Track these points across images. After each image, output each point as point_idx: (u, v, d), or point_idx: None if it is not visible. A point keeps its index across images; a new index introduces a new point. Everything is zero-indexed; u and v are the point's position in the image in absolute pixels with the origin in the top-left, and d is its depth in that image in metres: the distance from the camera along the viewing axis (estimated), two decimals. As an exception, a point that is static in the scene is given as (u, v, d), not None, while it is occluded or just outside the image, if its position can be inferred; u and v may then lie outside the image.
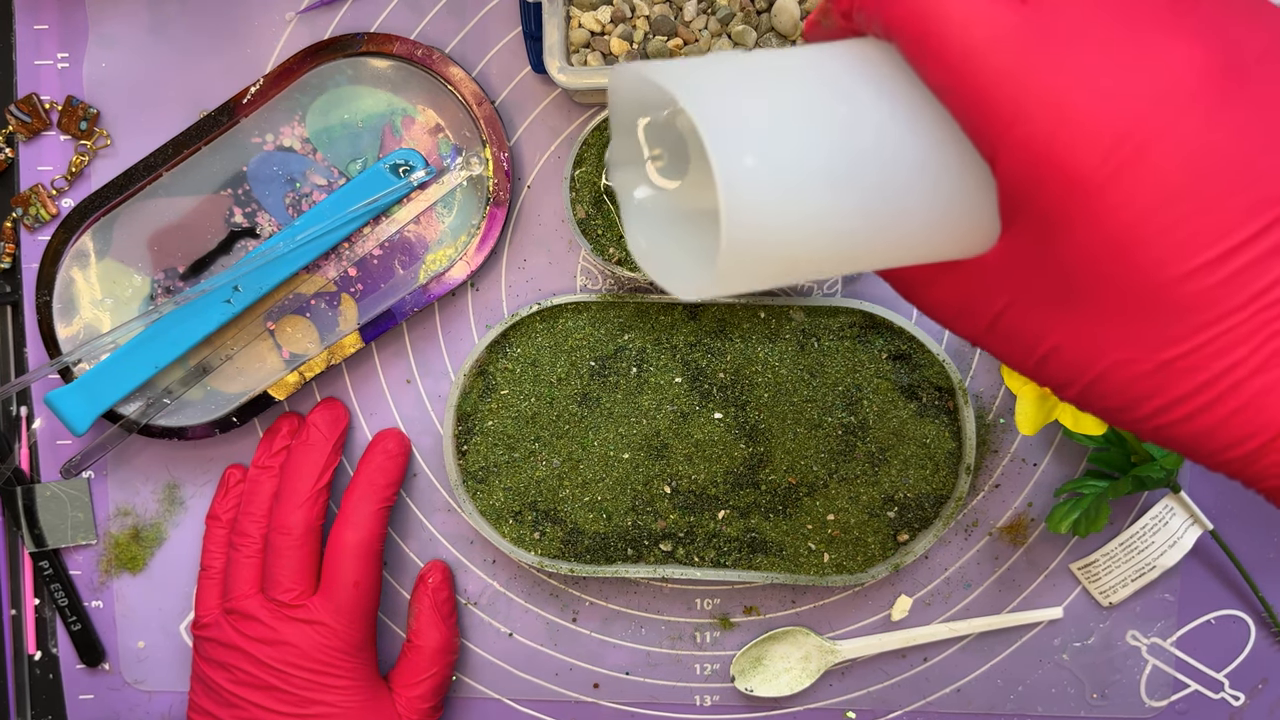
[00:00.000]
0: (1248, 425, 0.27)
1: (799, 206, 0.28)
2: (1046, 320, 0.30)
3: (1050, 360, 0.30)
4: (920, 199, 0.30)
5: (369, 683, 0.55)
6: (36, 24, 0.57)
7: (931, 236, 0.30)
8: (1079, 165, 0.27)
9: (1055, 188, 0.27)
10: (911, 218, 0.30)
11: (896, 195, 0.29)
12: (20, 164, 0.57)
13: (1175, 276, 0.27)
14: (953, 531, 0.57)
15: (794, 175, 0.28)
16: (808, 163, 0.28)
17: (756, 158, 0.28)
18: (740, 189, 0.28)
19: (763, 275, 0.30)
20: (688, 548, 0.56)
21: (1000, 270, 0.30)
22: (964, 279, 0.32)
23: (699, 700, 0.59)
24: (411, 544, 0.59)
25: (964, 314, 0.32)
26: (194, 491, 0.59)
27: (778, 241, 0.29)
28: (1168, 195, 0.26)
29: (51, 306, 0.55)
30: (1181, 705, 0.58)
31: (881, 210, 0.29)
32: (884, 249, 0.30)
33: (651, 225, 0.35)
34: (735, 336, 0.55)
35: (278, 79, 0.54)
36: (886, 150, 0.29)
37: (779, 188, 0.28)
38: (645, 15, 0.50)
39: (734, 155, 0.28)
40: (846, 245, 0.30)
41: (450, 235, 0.55)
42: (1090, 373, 0.29)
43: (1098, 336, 0.28)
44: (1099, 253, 0.27)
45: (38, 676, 0.60)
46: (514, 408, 0.56)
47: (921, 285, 0.33)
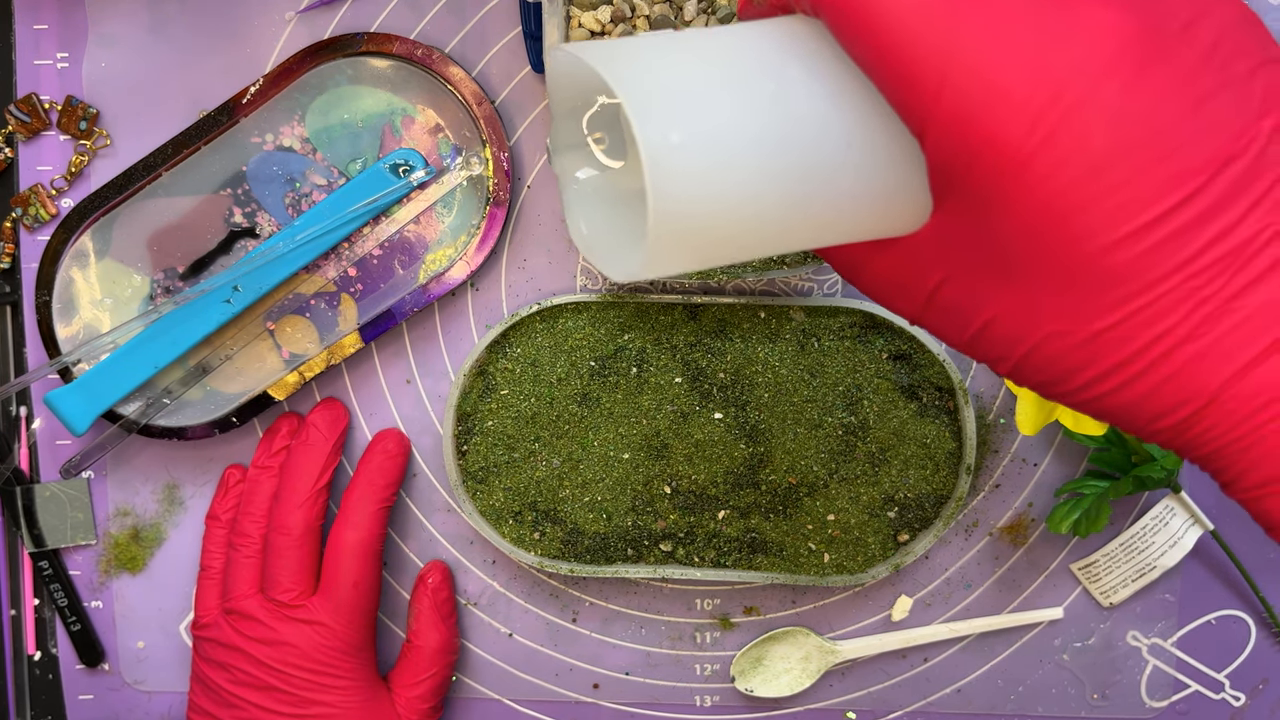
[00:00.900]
0: (1179, 393, 0.27)
1: (726, 183, 0.28)
2: (980, 294, 0.29)
3: (984, 335, 0.30)
4: (849, 176, 0.29)
5: (369, 683, 0.55)
6: (36, 24, 0.57)
7: (863, 214, 0.30)
8: (1005, 137, 0.26)
9: (982, 161, 0.27)
10: (841, 195, 0.30)
11: (825, 172, 0.29)
12: (20, 164, 0.57)
13: (1103, 246, 0.27)
14: (953, 532, 0.57)
15: (720, 152, 0.28)
16: (734, 139, 0.28)
17: (682, 134, 0.28)
18: (665, 166, 0.27)
19: (691, 255, 0.30)
20: (688, 548, 0.56)
21: (934, 246, 0.30)
22: (899, 257, 0.31)
23: (699, 701, 0.59)
24: (411, 544, 0.59)
25: (901, 292, 0.32)
26: (193, 492, 0.59)
27: (705, 220, 0.29)
28: (1092, 165, 0.26)
29: (51, 306, 0.55)
30: (1182, 706, 0.58)
31: (810, 188, 0.29)
32: (815, 228, 0.30)
33: (592, 211, 0.35)
34: (735, 336, 0.55)
35: (277, 79, 0.54)
36: (814, 127, 0.29)
37: (705, 164, 0.28)
38: (645, 15, 0.50)
39: (659, 131, 0.27)
40: (775, 224, 0.30)
41: (450, 235, 0.55)
42: (1023, 346, 0.29)
43: (1030, 309, 0.28)
44: (1028, 225, 0.27)
45: (37, 677, 0.60)
46: (514, 408, 0.56)
47: (859, 264, 0.33)
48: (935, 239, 0.30)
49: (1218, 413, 0.27)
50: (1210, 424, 0.27)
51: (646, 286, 0.56)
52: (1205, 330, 0.27)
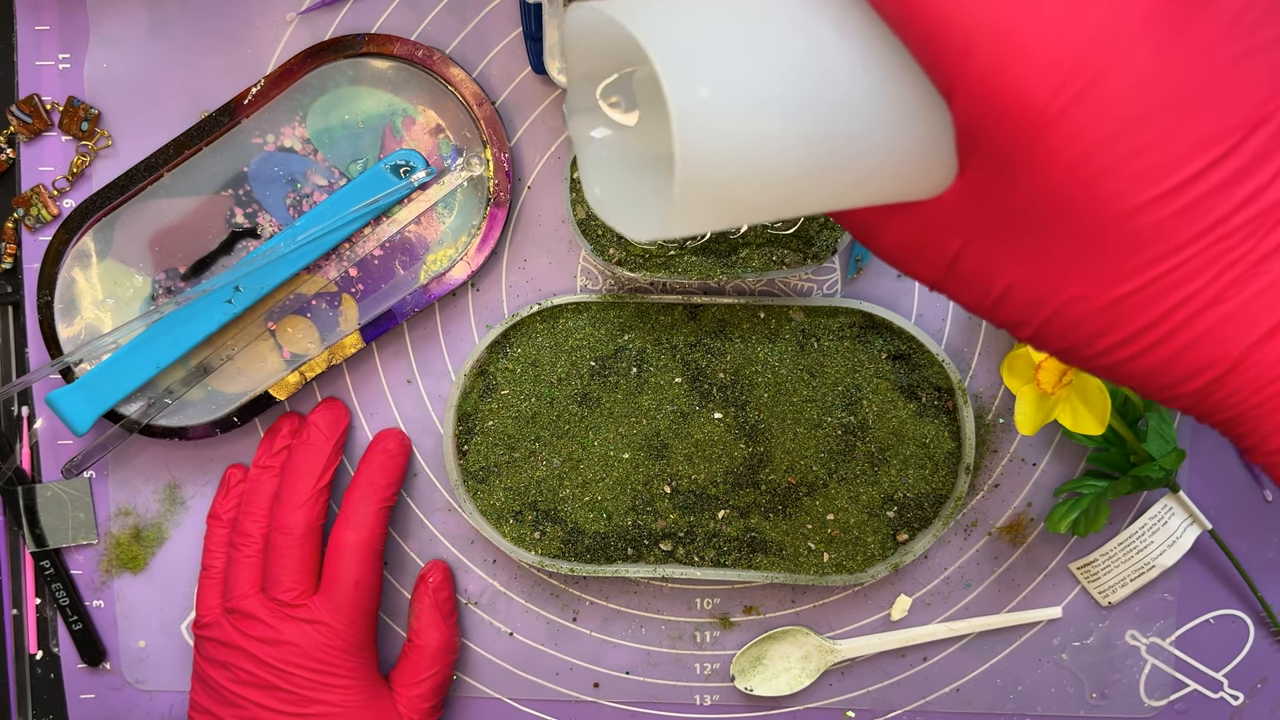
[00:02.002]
0: (1202, 358, 0.27)
1: (752, 140, 0.28)
2: (1002, 258, 0.29)
3: (1006, 299, 0.30)
4: (876, 137, 0.29)
5: (370, 682, 0.55)
6: (38, 25, 0.57)
7: (887, 176, 0.30)
8: (1033, 97, 0.26)
9: (1009, 121, 0.27)
10: (867, 156, 0.29)
11: (852, 132, 0.29)
12: (21, 164, 0.57)
13: (1129, 210, 0.26)
14: (952, 531, 0.57)
15: (749, 107, 0.28)
16: (763, 95, 0.28)
17: (711, 88, 0.27)
18: (693, 120, 0.27)
19: (714, 213, 0.30)
20: (688, 547, 0.56)
21: (957, 209, 0.30)
22: (920, 220, 0.31)
23: (699, 700, 0.59)
24: (412, 544, 0.59)
25: (921, 257, 0.32)
26: (195, 491, 0.59)
27: (730, 177, 0.28)
28: (1120, 127, 0.26)
29: (53, 307, 0.55)
30: (1181, 705, 0.58)
31: (836, 147, 0.29)
32: (838, 189, 0.30)
33: (608, 173, 0.35)
34: (735, 336, 0.55)
35: (278, 79, 0.54)
36: (843, 86, 0.29)
37: (732, 120, 0.28)
38: (645, 16, 0.50)
39: (688, 86, 0.27)
40: (799, 183, 0.29)
41: (451, 235, 0.55)
42: (1045, 310, 0.29)
43: (1053, 273, 0.28)
44: (1054, 187, 0.27)
45: (39, 676, 0.60)
46: (514, 408, 0.56)
47: (877, 229, 0.33)
48: (958, 202, 0.30)
49: (1242, 377, 0.27)
50: (1234, 389, 0.27)
51: (646, 286, 0.56)
52: (1231, 294, 0.26)
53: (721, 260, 0.53)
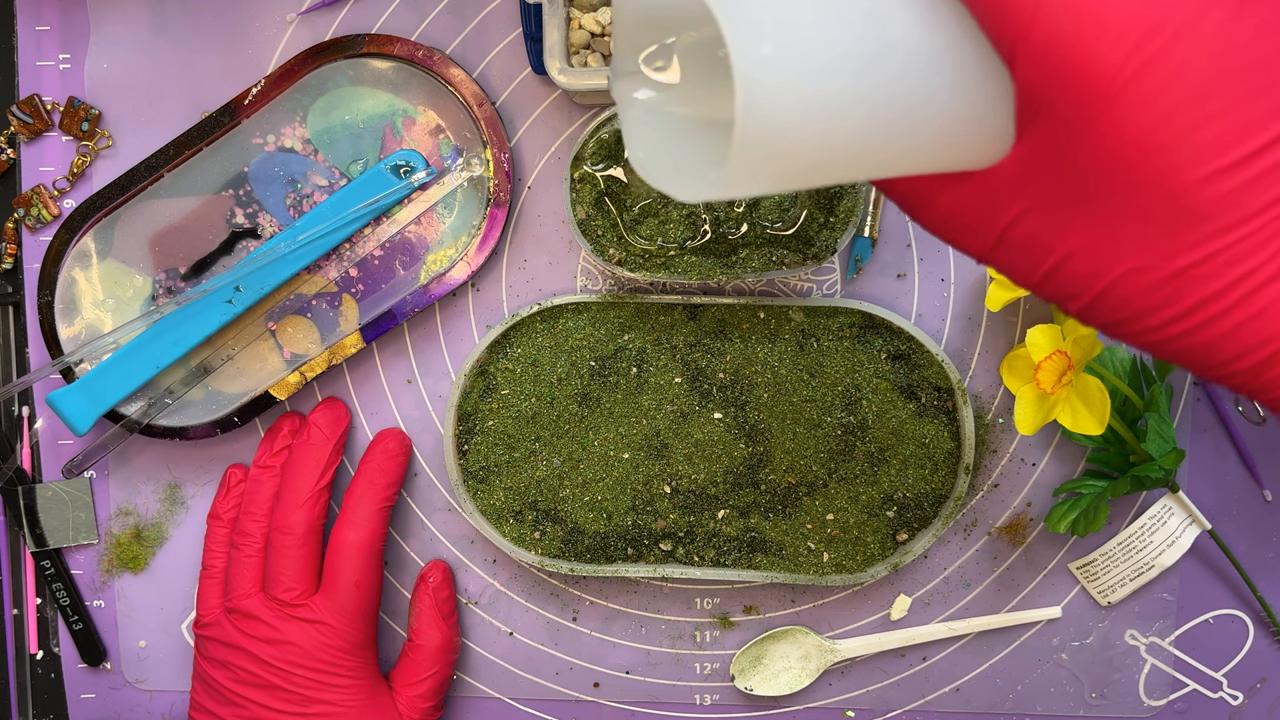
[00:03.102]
0: (1259, 334, 0.27)
1: (814, 101, 0.28)
2: (1057, 229, 0.29)
3: (1060, 270, 0.29)
4: (935, 103, 0.29)
5: (370, 682, 0.55)
6: (38, 25, 0.57)
7: (944, 143, 0.30)
8: (1101, 65, 0.26)
9: (1074, 89, 0.26)
10: (925, 122, 0.29)
11: (913, 97, 0.29)
12: (22, 165, 0.57)
13: (1193, 181, 0.26)
14: (952, 531, 0.57)
15: (811, 68, 0.28)
16: (826, 55, 0.28)
17: (775, 46, 0.27)
18: (757, 78, 0.27)
19: (770, 175, 0.29)
20: (688, 547, 0.56)
21: (1013, 179, 0.30)
22: (972, 190, 0.31)
23: (699, 699, 0.59)
24: (412, 543, 0.59)
25: (972, 227, 0.31)
26: (195, 491, 0.59)
27: (790, 138, 0.28)
28: (1189, 97, 0.26)
29: (53, 307, 0.56)
30: (1180, 704, 0.58)
31: (896, 112, 0.29)
32: (894, 155, 0.30)
33: (651, 136, 0.35)
34: (735, 336, 0.55)
35: (279, 80, 0.54)
36: (906, 49, 0.28)
37: (795, 80, 0.27)
38: (645, 16, 0.51)
39: (751, 42, 0.27)
40: (857, 147, 0.29)
41: (451, 236, 0.55)
42: (1101, 282, 0.28)
43: (1112, 244, 0.28)
44: (1117, 156, 0.27)
45: (39, 675, 0.60)
46: (514, 408, 0.56)
47: (925, 199, 0.32)
48: (1013, 172, 0.29)
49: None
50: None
51: (646, 286, 0.56)
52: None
53: (721, 260, 0.53)
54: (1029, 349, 0.49)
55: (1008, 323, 0.56)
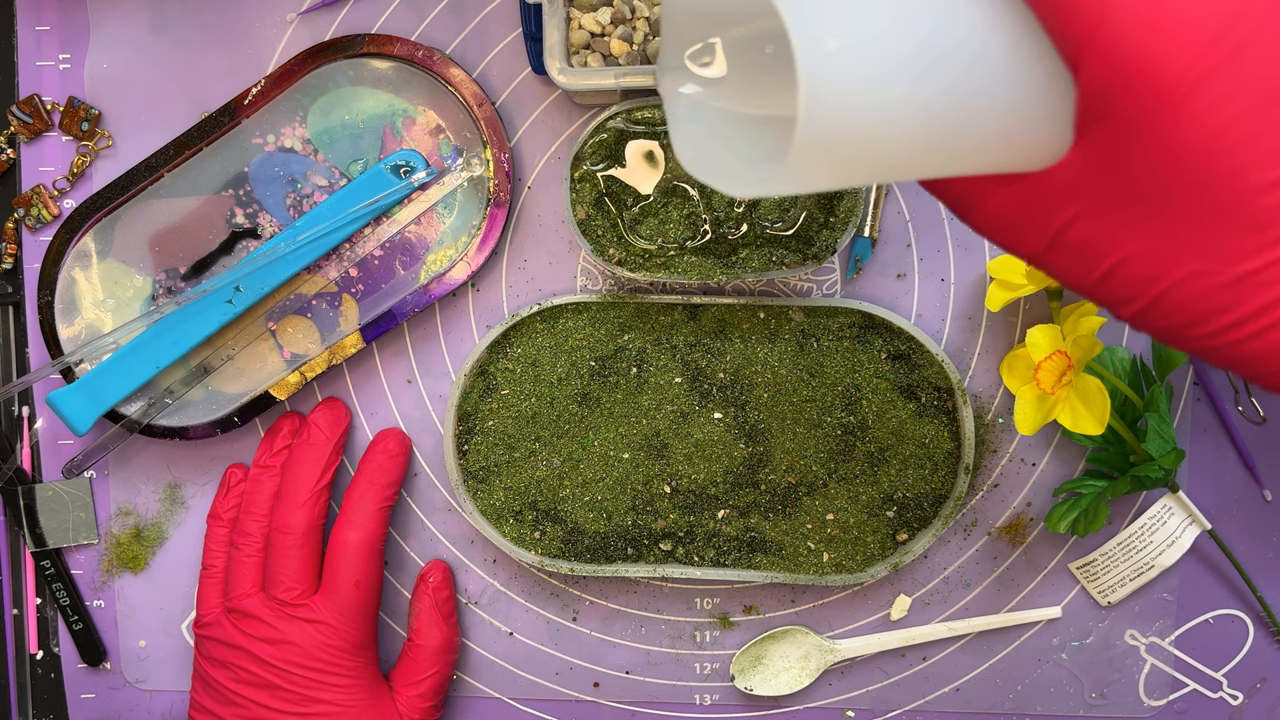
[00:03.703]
0: None
1: (877, 98, 0.28)
2: (1116, 233, 0.29)
3: (1116, 274, 0.29)
4: (996, 103, 0.29)
5: (370, 681, 0.55)
6: (38, 25, 0.57)
7: (1002, 144, 0.30)
8: (1167, 69, 0.26)
9: (1140, 92, 0.26)
10: (985, 123, 0.29)
11: (975, 97, 0.29)
12: (22, 165, 0.57)
13: (1259, 185, 0.26)
14: (952, 531, 0.57)
15: (876, 64, 0.27)
16: (891, 52, 0.28)
17: (839, 41, 0.27)
18: (820, 75, 0.27)
19: (829, 173, 0.29)
20: (687, 547, 0.56)
21: (1069, 181, 0.29)
22: (1026, 192, 0.31)
23: (699, 699, 0.59)
24: (412, 543, 0.59)
25: (1024, 229, 0.31)
26: (195, 491, 0.59)
27: (852, 137, 0.28)
28: (1256, 102, 0.26)
29: (53, 307, 0.56)
30: (1180, 704, 0.58)
31: (958, 113, 0.29)
32: (952, 154, 0.30)
33: (696, 131, 0.34)
34: (735, 336, 0.55)
35: (279, 80, 0.54)
36: (970, 49, 0.28)
37: (859, 76, 0.27)
38: (645, 16, 0.51)
39: (816, 37, 0.27)
40: (917, 146, 0.29)
41: (451, 236, 0.55)
42: (1158, 286, 0.28)
43: (1170, 248, 0.28)
44: (1181, 160, 0.26)
45: (39, 675, 0.60)
46: (514, 408, 0.56)
47: (977, 199, 0.32)
48: (1071, 174, 0.29)
49: None
50: None
51: (646, 286, 0.56)
52: None
53: (721, 260, 0.53)
54: (1029, 349, 0.49)
55: (1008, 323, 0.56)
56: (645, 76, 0.49)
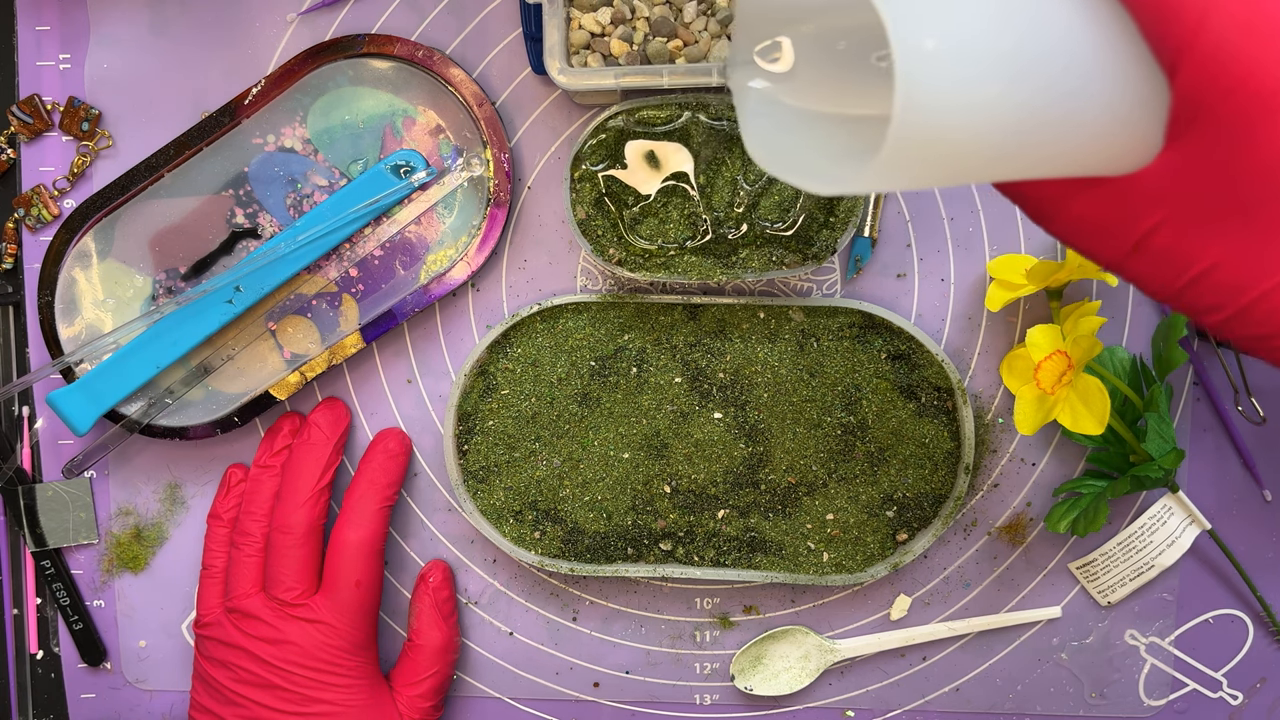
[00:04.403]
0: None
1: (974, 98, 0.27)
2: (1204, 239, 0.28)
3: (1203, 281, 0.29)
4: (1091, 107, 0.29)
5: (370, 681, 0.55)
6: (38, 25, 0.57)
7: (1092, 147, 0.29)
8: (1266, 75, 0.25)
9: (1238, 98, 0.26)
10: (1078, 125, 0.29)
11: (1069, 98, 0.28)
12: (22, 165, 0.57)
13: None
14: (952, 531, 0.57)
15: (973, 65, 0.27)
16: (988, 53, 0.27)
17: (937, 41, 0.27)
18: (917, 75, 0.27)
19: (918, 173, 0.29)
20: (687, 547, 0.56)
21: (1158, 186, 0.29)
22: (1111, 195, 0.30)
23: (699, 699, 0.59)
24: (412, 543, 0.59)
25: (1106, 232, 0.31)
26: (195, 491, 0.59)
27: (945, 136, 0.28)
28: None
29: (53, 307, 0.56)
30: (1180, 704, 0.58)
31: (1052, 115, 0.28)
32: (1042, 157, 0.29)
33: (765, 126, 0.34)
34: (735, 336, 0.55)
35: (279, 80, 0.54)
36: (1067, 50, 0.28)
37: (957, 76, 0.27)
38: (645, 17, 0.51)
39: (914, 36, 0.27)
40: (1008, 148, 0.29)
41: (451, 236, 0.55)
42: (1248, 295, 0.28)
43: (1263, 257, 0.27)
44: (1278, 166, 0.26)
45: (39, 675, 0.60)
46: (514, 408, 0.56)
47: (1058, 203, 0.32)
48: (1159, 179, 0.29)
49: None
50: None
51: (646, 286, 0.56)
52: None
53: (721, 260, 0.53)
54: (1029, 349, 0.49)
55: (1008, 323, 0.56)
56: (645, 76, 0.49)
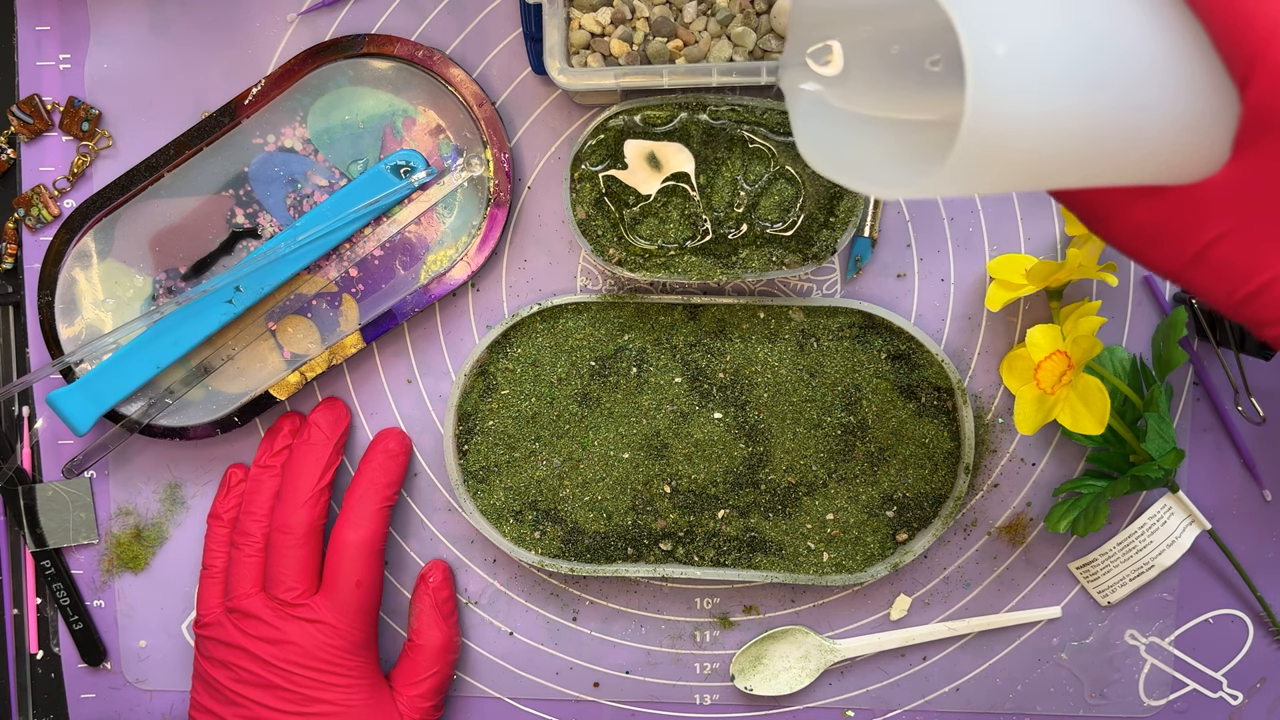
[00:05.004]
0: None
1: (1045, 106, 0.27)
2: (1269, 252, 0.28)
3: (1265, 293, 0.29)
4: (1157, 115, 0.28)
5: (371, 681, 0.55)
6: (38, 25, 0.57)
7: (1159, 155, 0.29)
8: None
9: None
10: (1148, 136, 0.29)
11: (1139, 107, 0.28)
12: (22, 165, 0.57)
13: None
14: (952, 531, 0.57)
15: (1044, 72, 0.27)
16: (1060, 60, 0.27)
17: (1009, 47, 0.27)
18: (989, 80, 0.26)
19: (984, 179, 0.29)
20: (687, 547, 0.56)
21: (1222, 197, 0.29)
22: (1170, 205, 0.30)
23: (699, 699, 0.59)
24: (412, 543, 0.59)
25: (1165, 242, 0.30)
26: (195, 491, 0.59)
27: (1014, 144, 0.27)
28: None
29: (53, 307, 0.56)
30: (1180, 704, 0.58)
31: (1120, 124, 0.28)
32: (1108, 165, 0.29)
33: (820, 130, 0.34)
34: (735, 336, 0.55)
35: (279, 80, 0.54)
36: (1137, 58, 0.28)
37: (1027, 83, 0.27)
38: (645, 17, 0.51)
39: (986, 40, 0.26)
40: (1077, 157, 0.28)
41: (451, 236, 0.55)
42: None
43: None
44: None
45: (39, 675, 0.60)
46: (514, 407, 0.56)
47: (1115, 210, 0.31)
48: (1224, 189, 0.29)
49: None
50: None
51: (646, 286, 0.56)
52: None
53: (721, 260, 0.53)
54: (1029, 349, 0.49)
55: (1008, 323, 0.56)
56: (645, 76, 0.49)
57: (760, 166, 0.52)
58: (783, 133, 0.51)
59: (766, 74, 0.49)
